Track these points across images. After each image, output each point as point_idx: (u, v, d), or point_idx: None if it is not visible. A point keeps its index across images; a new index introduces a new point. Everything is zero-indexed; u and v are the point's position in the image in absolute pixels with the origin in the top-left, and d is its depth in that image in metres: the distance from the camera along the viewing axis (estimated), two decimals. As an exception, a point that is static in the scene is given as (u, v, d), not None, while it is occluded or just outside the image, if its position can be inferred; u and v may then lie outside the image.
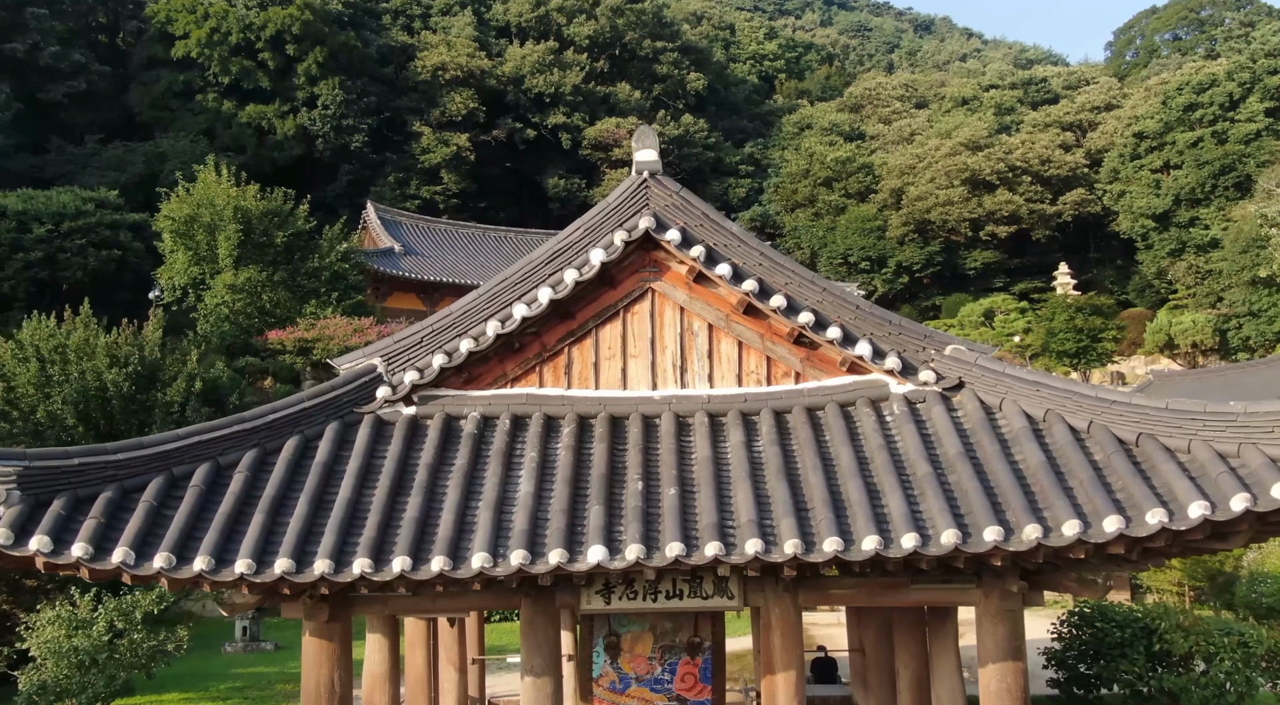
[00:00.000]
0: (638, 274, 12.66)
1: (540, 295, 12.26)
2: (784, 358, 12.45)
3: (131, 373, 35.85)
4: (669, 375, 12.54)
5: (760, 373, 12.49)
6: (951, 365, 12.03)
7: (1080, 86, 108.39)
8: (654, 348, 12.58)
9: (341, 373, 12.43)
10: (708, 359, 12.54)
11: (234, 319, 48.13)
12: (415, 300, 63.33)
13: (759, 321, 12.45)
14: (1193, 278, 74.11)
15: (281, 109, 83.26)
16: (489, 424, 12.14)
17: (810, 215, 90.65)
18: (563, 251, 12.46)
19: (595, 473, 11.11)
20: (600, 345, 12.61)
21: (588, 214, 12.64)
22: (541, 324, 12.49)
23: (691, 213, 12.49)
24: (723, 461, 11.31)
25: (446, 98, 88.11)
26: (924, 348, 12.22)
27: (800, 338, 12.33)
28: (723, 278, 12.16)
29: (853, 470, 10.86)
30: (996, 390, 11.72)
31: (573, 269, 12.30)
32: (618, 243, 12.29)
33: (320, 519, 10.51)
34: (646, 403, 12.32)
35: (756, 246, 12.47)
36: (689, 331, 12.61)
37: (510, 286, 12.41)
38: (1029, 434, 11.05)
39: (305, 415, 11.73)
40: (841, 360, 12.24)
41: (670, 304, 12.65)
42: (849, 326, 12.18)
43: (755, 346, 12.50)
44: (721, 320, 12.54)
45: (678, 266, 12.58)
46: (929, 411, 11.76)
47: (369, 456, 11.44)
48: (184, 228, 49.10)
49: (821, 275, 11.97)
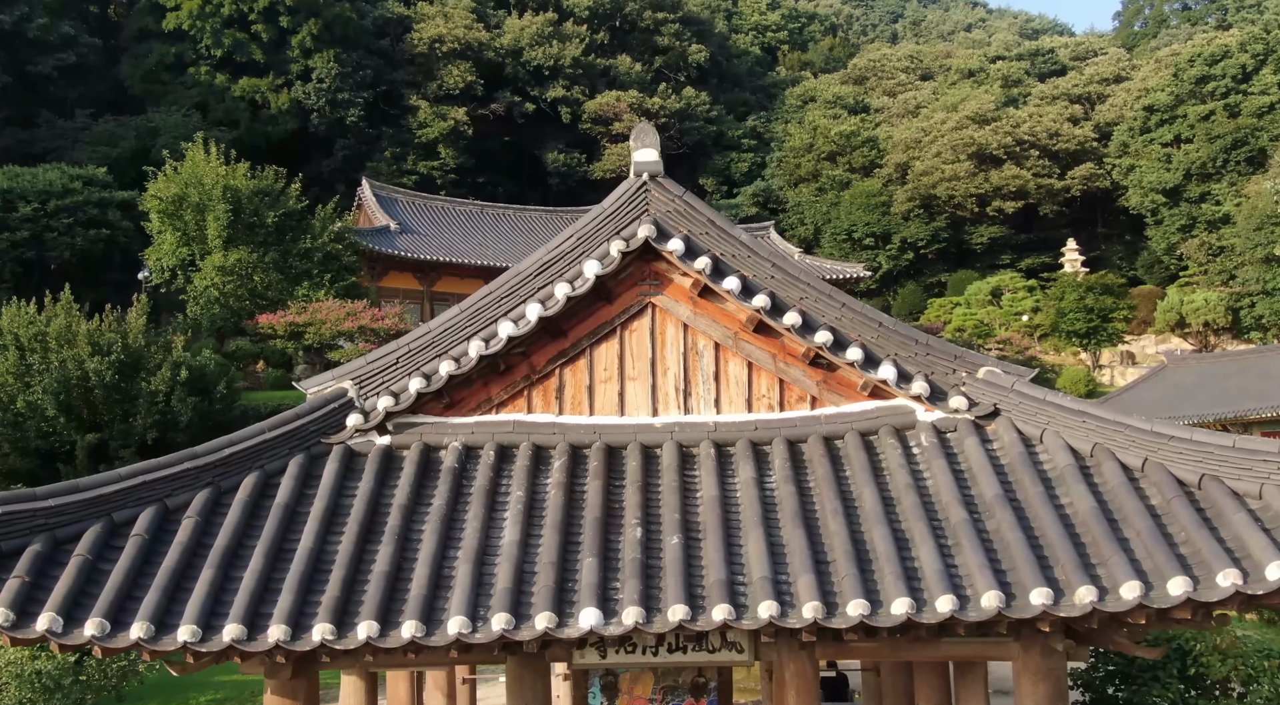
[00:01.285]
0: (636, 287, 11.44)
1: (528, 312, 11.04)
2: (798, 380, 11.24)
3: (114, 361, 34.72)
4: (671, 400, 11.33)
5: (772, 397, 11.28)
6: (985, 390, 10.82)
7: (1088, 58, 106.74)
8: (654, 369, 11.38)
9: (308, 397, 11.23)
10: (714, 382, 11.33)
11: (224, 302, 46.92)
12: (412, 280, 62.08)
13: (771, 340, 11.24)
14: (1204, 255, 72.73)
15: (275, 82, 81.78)
16: (471, 455, 10.94)
17: (814, 190, 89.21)
18: (553, 262, 11.23)
19: (589, 516, 9.93)
20: (595, 366, 11.41)
21: (581, 220, 11.40)
22: (530, 343, 11.29)
23: (696, 219, 11.25)
24: (731, 502, 10.13)
25: (444, 71, 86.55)
26: (954, 370, 11.01)
27: (817, 358, 11.11)
28: (731, 292, 10.94)
29: (878, 514, 9.66)
30: (1036, 420, 10.51)
31: (564, 282, 11.08)
32: (614, 253, 11.06)
33: (279, 572, 9.32)
34: (646, 431, 11.13)
35: (768, 257, 11.23)
36: (693, 351, 11.40)
37: (495, 301, 11.20)
38: (1076, 473, 9.85)
39: (266, 448, 10.53)
40: (863, 384, 11.03)
41: (672, 321, 11.43)
42: (871, 346, 10.97)
43: (767, 368, 11.29)
44: (729, 339, 11.32)
45: (681, 279, 11.35)
46: (961, 443, 10.56)
47: (336, 495, 10.24)
48: (172, 207, 47.79)
49: (841, 293, 10.66)
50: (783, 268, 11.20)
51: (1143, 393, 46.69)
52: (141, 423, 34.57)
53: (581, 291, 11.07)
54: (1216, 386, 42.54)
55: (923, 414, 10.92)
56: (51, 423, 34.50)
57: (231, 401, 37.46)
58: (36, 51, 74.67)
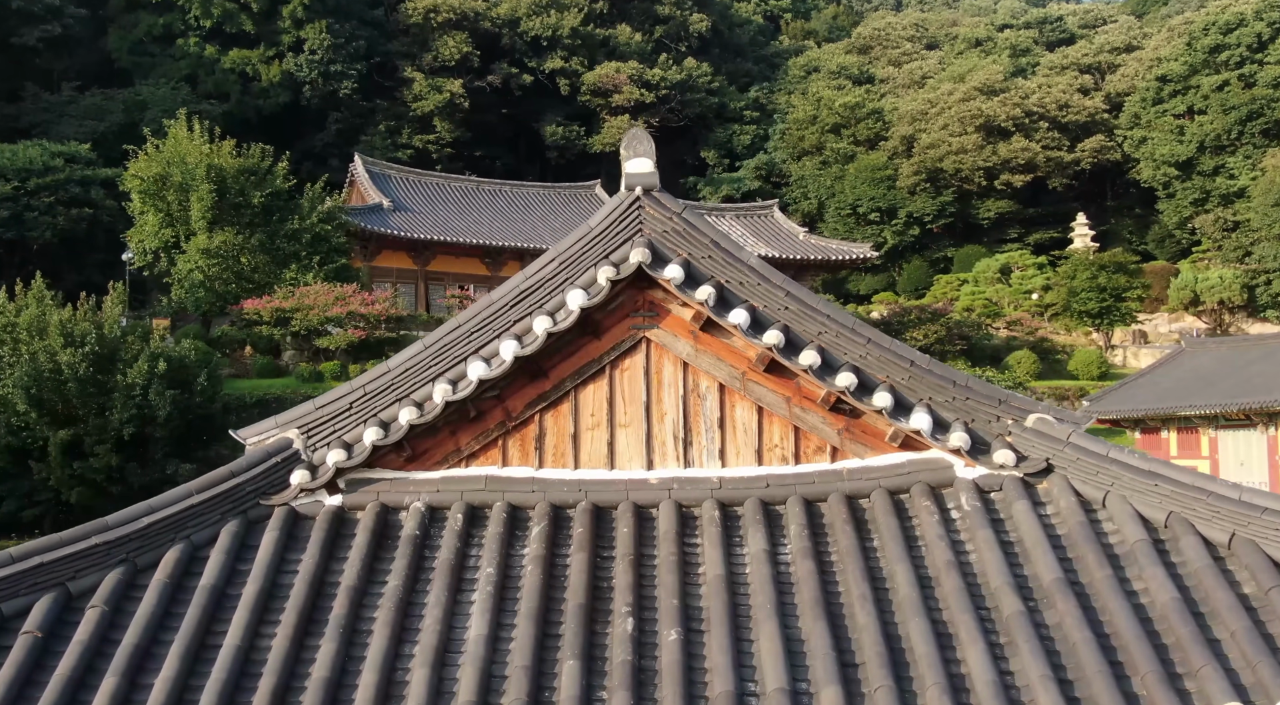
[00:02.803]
0: (628, 320, 9.85)
1: (503, 350, 9.46)
2: (817, 428, 9.67)
3: (88, 352, 33.24)
4: (669, 450, 9.77)
5: (786, 447, 9.72)
6: (1035, 442, 9.24)
7: (1098, 26, 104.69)
8: (649, 415, 9.80)
9: (247, 449, 9.66)
10: (718, 429, 9.76)
11: (209, 285, 45.31)
12: (405, 259, 60.48)
13: (785, 382, 9.66)
14: (1219, 230, 71.03)
15: (266, 54, 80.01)
16: (436, 518, 9.40)
17: (818, 164, 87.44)
18: (531, 292, 9.65)
19: (571, 602, 8.39)
20: (581, 411, 9.84)
21: (563, 242, 9.79)
22: (505, 386, 9.72)
23: (698, 241, 9.65)
24: (739, 583, 8.59)
25: (439, 41, 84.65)
26: (998, 417, 9.42)
27: (838, 403, 9.54)
28: (738, 327, 9.35)
29: (914, 602, 8.12)
30: (1098, 480, 8.94)
31: (544, 315, 9.49)
32: (602, 281, 9.47)
33: (198, 678, 7.80)
34: (640, 488, 9.58)
35: (781, 284, 9.63)
36: (694, 394, 9.82)
37: (464, 337, 9.62)
38: (1149, 550, 8.29)
39: (192, 515, 8.99)
40: (891, 434, 9.46)
41: (670, 358, 9.85)
42: (901, 389, 9.39)
43: (779, 413, 9.71)
44: (736, 379, 9.74)
45: (680, 310, 9.76)
46: (1009, 507, 9.00)
47: (274, 573, 8.71)
48: (153, 187, 46.14)
49: (865, 326, 9.07)
50: (798, 297, 9.60)
51: (1159, 378, 45.16)
52: (118, 417, 33.19)
53: (564, 326, 9.49)
54: (1238, 373, 40.98)
55: (962, 470, 9.36)
56: (23, 418, 33.11)
57: (213, 394, 35.99)
58: (21, 22, 72.80)
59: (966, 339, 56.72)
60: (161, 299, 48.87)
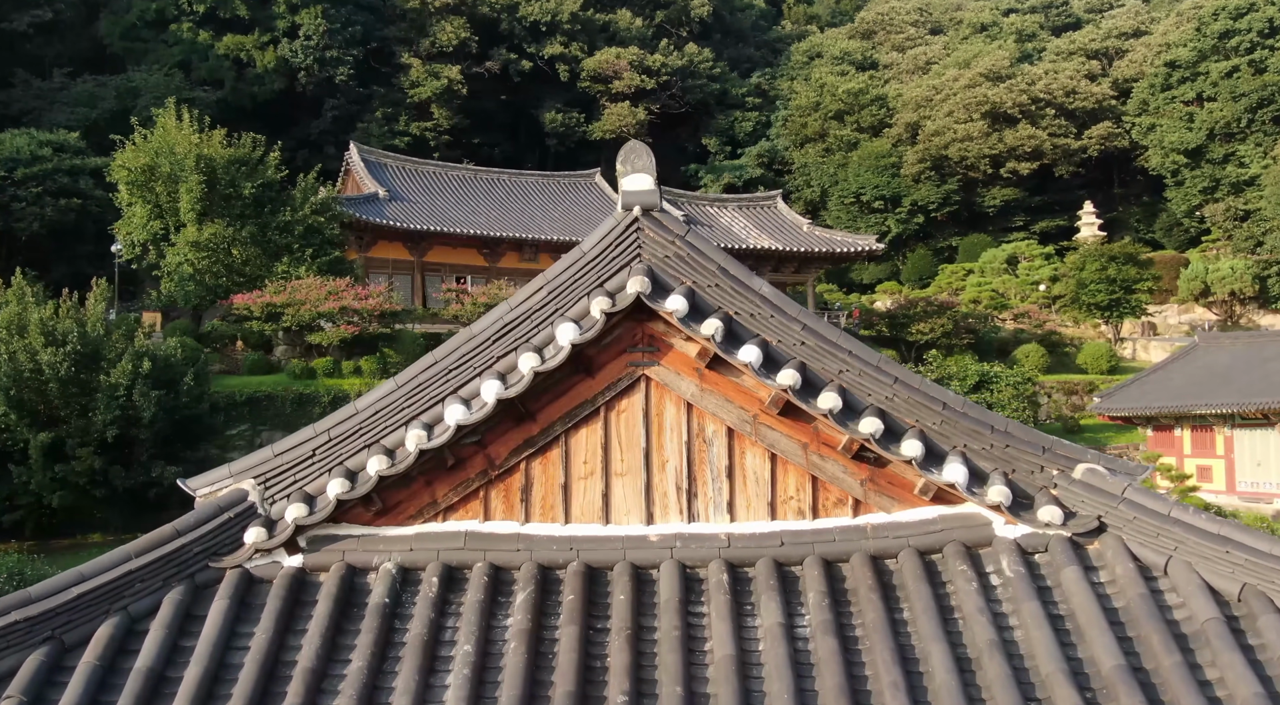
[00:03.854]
0: (625, 356, 8.78)
1: (484, 390, 8.39)
2: (837, 478, 8.61)
3: (70, 352, 32.18)
4: (671, 502, 8.71)
5: (802, 499, 8.66)
6: (1085, 496, 8.18)
7: (1105, 10, 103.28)
8: (649, 462, 8.74)
9: (196, 502, 8.60)
10: (726, 479, 8.70)
11: (199, 279, 44.16)
12: (401, 250, 59.30)
13: (801, 426, 8.60)
14: (1229, 220, 69.82)
15: (261, 40, 78.73)
16: (409, 582, 8.35)
17: (821, 151, 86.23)
18: (516, 324, 8.58)
19: (559, 689, 7.34)
20: (572, 459, 8.78)
21: (553, 269, 8.72)
22: (487, 430, 8.65)
23: (703, 267, 8.58)
24: (752, 664, 7.54)
25: (436, 27, 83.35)
26: (1041, 467, 8.37)
27: (862, 451, 8.48)
28: (749, 365, 8.28)
29: (953, 691, 7.07)
30: (1158, 543, 7.88)
31: (530, 352, 8.42)
32: (596, 313, 8.40)
33: (128, 785, 6.75)
34: (638, 546, 8.53)
35: (797, 316, 8.56)
36: (699, 439, 8.76)
37: (441, 376, 8.56)
38: (1223, 631, 7.23)
39: (131, 582, 7.93)
40: (922, 486, 8.40)
41: (672, 399, 8.79)
42: (933, 436, 8.33)
43: (795, 461, 8.65)
44: (746, 423, 8.68)
45: (684, 346, 8.69)
46: (1057, 573, 7.95)
47: (221, 651, 7.65)
48: (141, 178, 44.95)
49: (892, 364, 7.97)
50: (816, 330, 8.54)
51: (1173, 374, 44.07)
52: (101, 419, 32.19)
53: (553, 363, 8.42)
54: (1255, 370, 39.88)
55: (1002, 528, 8.30)
56: (2, 420, 32.05)
57: (200, 393, 34.92)
58: (11, 7, 71.64)
59: (973, 332, 55.65)
60: (152, 293, 47.77)
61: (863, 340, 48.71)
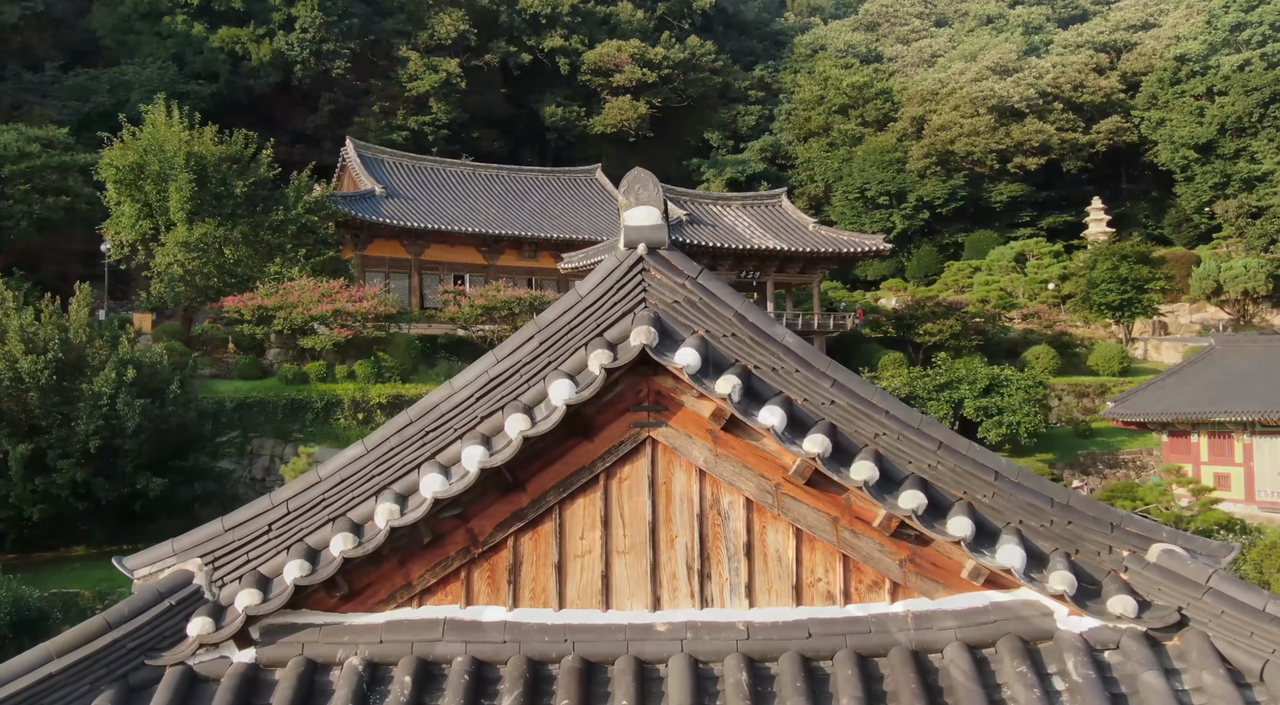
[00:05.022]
0: (628, 416, 7.65)
1: (466, 457, 7.26)
2: (872, 558, 7.48)
3: (52, 360, 31.06)
4: (681, 585, 7.58)
5: (832, 582, 7.53)
6: (1162, 584, 7.05)
7: (1113, 2, 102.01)
8: (655, 538, 7.61)
9: (134, 586, 7.47)
10: (744, 558, 7.58)
11: (189, 280, 42.98)
12: (399, 248, 58.18)
13: (830, 497, 7.47)
14: (1241, 217, 68.61)
15: (257, 32, 77.53)
16: (378, 682, 7.22)
17: (824, 145, 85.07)
18: (503, 380, 7.45)
19: (550, 824, 6.22)
20: (567, 534, 7.65)
21: (545, 315, 7.58)
22: (469, 501, 7.52)
23: (718, 315, 7.44)
24: (778, 792, 6.41)
25: (435, 19, 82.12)
26: (1110, 547, 7.24)
27: (902, 527, 7.35)
28: (772, 429, 7.14)
29: None
30: (1252, 643, 6.76)
31: (519, 413, 7.29)
32: (594, 369, 7.27)
33: None
34: (643, 636, 7.40)
35: (826, 370, 7.42)
36: (713, 511, 7.63)
37: (417, 439, 7.42)
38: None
39: (50, 689, 6.80)
40: (972, 570, 7.27)
41: (682, 465, 7.65)
42: (983, 510, 7.21)
43: (824, 538, 7.52)
44: (768, 494, 7.55)
45: (696, 404, 7.56)
46: (1132, 678, 6.82)
47: (156, 773, 6.53)
48: (130, 176, 43.74)
49: (937, 425, 6.76)
50: (848, 387, 7.40)
51: (1188, 378, 42.94)
52: (84, 429, 31.04)
53: (545, 426, 7.29)
54: (1277, 375, 38.73)
55: (1065, 619, 7.17)
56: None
57: (188, 401, 33.79)
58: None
59: (982, 334, 54.47)
60: (142, 293, 46.63)
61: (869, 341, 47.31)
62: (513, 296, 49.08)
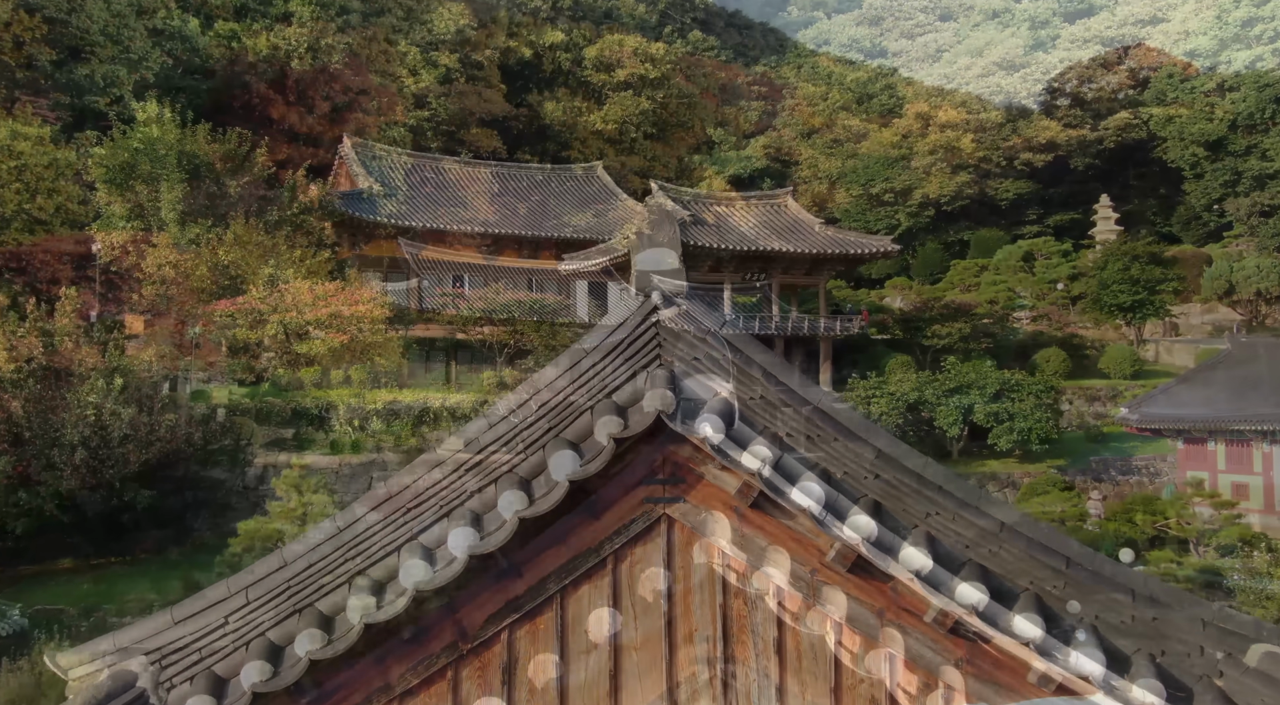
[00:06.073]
0: (640, 489, 6.64)
1: (453, 540, 6.26)
2: (923, 658, 6.48)
3: (36, 369, 30.07)
4: (701, 687, 6.58)
5: (876, 685, 6.52)
6: (1265, 694, 6.05)
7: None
8: (671, 631, 6.61)
9: (69, 687, 6.47)
10: (775, 655, 6.57)
11: (181, 282, 41.92)
12: (396, 247, 57.05)
13: (875, 585, 6.47)
14: (1253, 215, 67.57)
15: (253, 27, 76.34)
16: (350, 805, 6.22)
17: (828, 142, 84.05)
18: (498, 449, 6.42)
19: None
20: (569, 627, 6.65)
21: (544, 374, 6.57)
22: (457, 590, 6.51)
23: (744, 374, 6.43)
24: None
25: (434, 14, 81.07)
26: (1201, 648, 6.22)
27: (959, 623, 6.34)
28: (808, 510, 6.14)
29: None
30: (1374, 770, 5.75)
31: (515, 489, 6.28)
32: (602, 439, 6.26)
33: None
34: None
35: (868, 437, 6.41)
36: (739, 601, 6.63)
37: (398, 517, 6.41)
38: None
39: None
40: (1041, 677, 6.26)
41: (703, 548, 6.65)
42: (1052, 603, 6.20)
43: (867, 633, 6.52)
44: (802, 581, 6.55)
45: (719, 476, 6.55)
46: (1233, 810, 5.81)
47: None
48: (120, 176, 42.66)
49: (996, 501, 5.70)
50: (893, 457, 6.39)
51: (1204, 382, 41.90)
52: (69, 440, 30.00)
53: (545, 506, 6.28)
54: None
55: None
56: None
57: (178, 409, 32.79)
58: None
59: (991, 336, 53.44)
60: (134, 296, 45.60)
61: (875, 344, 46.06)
62: (512, 299, 48.01)
